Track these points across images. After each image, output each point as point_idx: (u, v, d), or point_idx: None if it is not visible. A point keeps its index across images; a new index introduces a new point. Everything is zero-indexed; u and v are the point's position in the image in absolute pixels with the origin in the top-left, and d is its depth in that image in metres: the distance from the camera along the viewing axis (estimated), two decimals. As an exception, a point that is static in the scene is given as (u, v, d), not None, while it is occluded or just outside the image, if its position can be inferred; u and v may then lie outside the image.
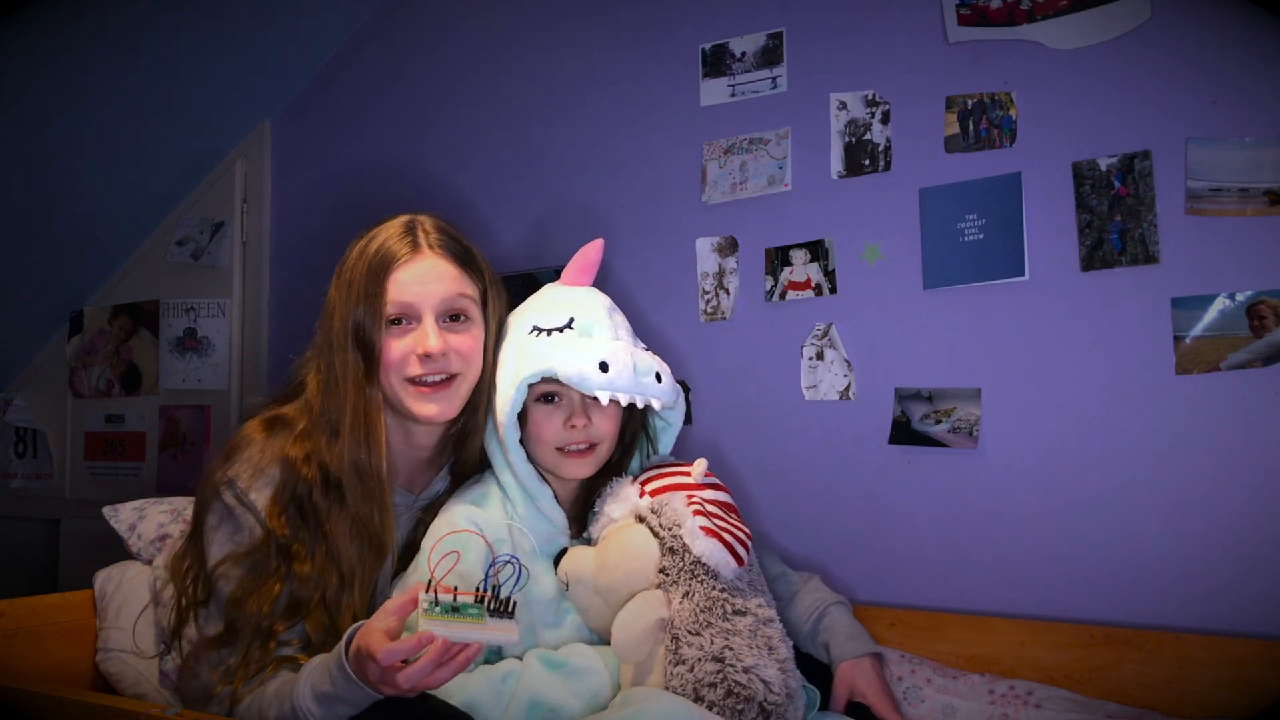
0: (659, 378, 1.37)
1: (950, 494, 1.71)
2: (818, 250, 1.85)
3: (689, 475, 1.41)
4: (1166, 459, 1.55)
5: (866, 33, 1.82)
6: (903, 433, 1.75)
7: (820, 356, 1.84)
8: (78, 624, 1.66)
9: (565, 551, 1.40)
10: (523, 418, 1.39)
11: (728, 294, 1.94)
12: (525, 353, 1.38)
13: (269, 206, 2.66)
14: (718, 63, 1.98)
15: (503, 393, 1.37)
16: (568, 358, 1.34)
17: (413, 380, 1.36)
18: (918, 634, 1.66)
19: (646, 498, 1.38)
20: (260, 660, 1.27)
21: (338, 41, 2.55)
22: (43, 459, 2.93)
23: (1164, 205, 1.55)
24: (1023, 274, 1.66)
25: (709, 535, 1.30)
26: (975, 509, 1.69)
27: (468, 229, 2.28)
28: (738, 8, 1.96)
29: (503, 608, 1.11)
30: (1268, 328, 1.47)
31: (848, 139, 1.84)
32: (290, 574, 1.30)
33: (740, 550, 1.32)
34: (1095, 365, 1.60)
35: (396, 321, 1.35)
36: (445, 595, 1.10)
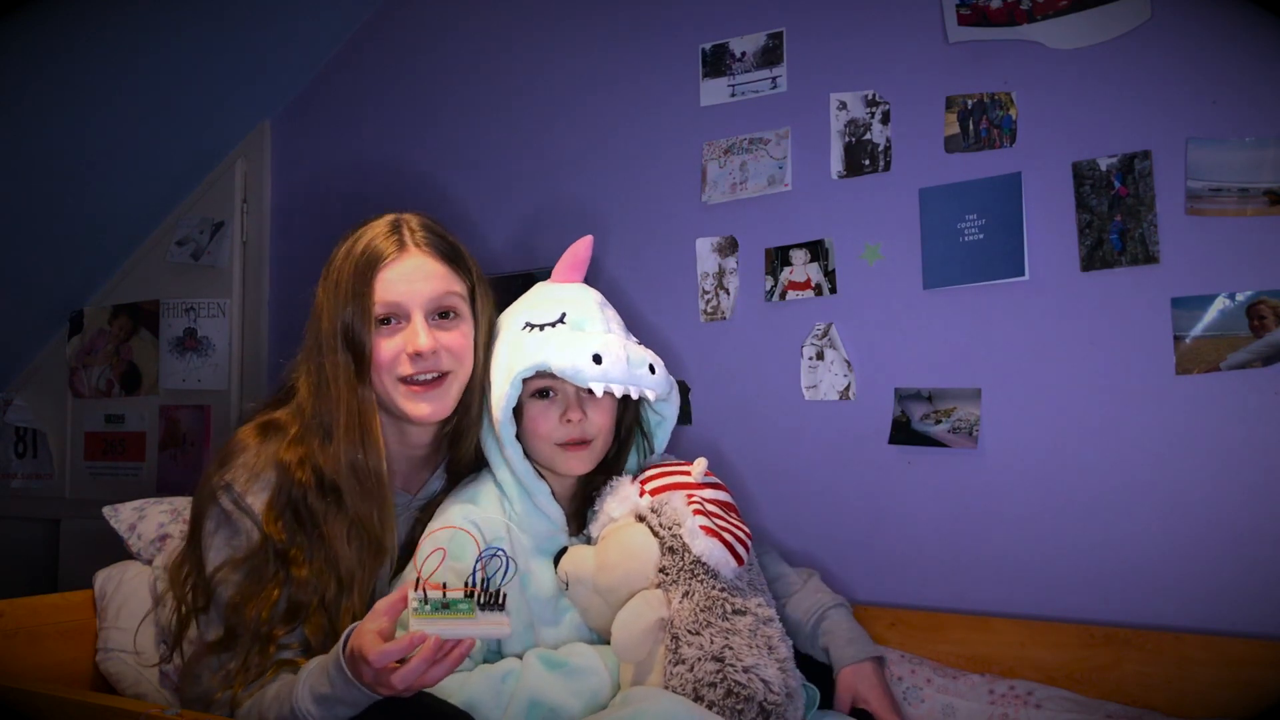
0: (652, 369, 1.38)
1: (950, 494, 1.71)
2: (818, 250, 1.85)
3: (689, 474, 1.41)
4: (1166, 459, 1.54)
5: (866, 33, 1.82)
6: (903, 433, 1.75)
7: (820, 356, 1.84)
8: (78, 624, 1.66)
9: (565, 550, 1.40)
10: (518, 415, 1.39)
11: (728, 294, 1.94)
12: (518, 348, 1.38)
13: (269, 206, 2.66)
14: (718, 63, 1.98)
15: (497, 388, 1.37)
16: (561, 351, 1.34)
17: (404, 380, 1.35)
18: (918, 634, 1.66)
19: (646, 497, 1.38)
20: (260, 665, 1.27)
21: (338, 41, 2.55)
22: (43, 459, 2.93)
23: (1164, 205, 1.55)
24: (1023, 274, 1.66)
25: (709, 535, 1.30)
26: (975, 509, 1.69)
27: (467, 229, 2.29)
28: (738, 8, 1.96)
29: (493, 600, 1.11)
30: (1268, 328, 1.47)
31: (848, 139, 1.84)
32: (289, 579, 1.30)
33: (740, 550, 1.32)
34: (1095, 365, 1.60)
35: (385, 321, 1.35)
36: (434, 592, 1.10)
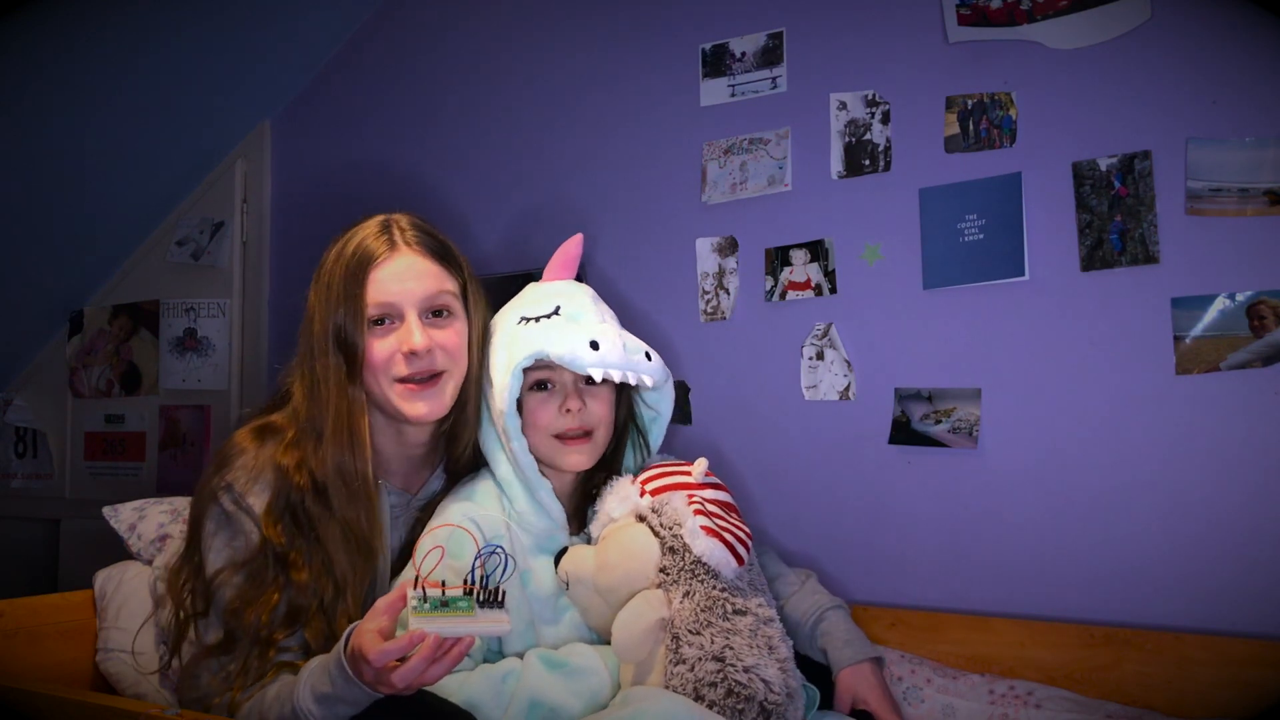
0: (649, 356, 1.39)
1: (950, 494, 1.71)
2: (818, 250, 1.85)
3: (689, 475, 1.41)
4: (1166, 459, 1.54)
5: (866, 33, 1.82)
6: (903, 433, 1.75)
7: (820, 356, 1.84)
8: (78, 624, 1.66)
9: (565, 550, 1.40)
10: (518, 411, 1.39)
11: (728, 294, 1.94)
12: (515, 341, 1.38)
13: (269, 206, 2.66)
14: (718, 63, 1.98)
15: (498, 382, 1.37)
16: (558, 339, 1.35)
17: (400, 380, 1.35)
18: (917, 634, 1.66)
19: (647, 497, 1.38)
20: (259, 669, 1.27)
21: (337, 41, 2.55)
22: (43, 459, 2.92)
23: (1164, 205, 1.55)
24: (1023, 274, 1.66)
25: (710, 535, 1.30)
26: (975, 509, 1.69)
27: (467, 228, 2.29)
28: (738, 8, 1.96)
29: (492, 598, 1.11)
30: (1268, 328, 1.47)
31: (848, 139, 1.84)
32: (288, 583, 1.30)
33: (741, 550, 1.32)
34: (1095, 365, 1.60)
35: (379, 321, 1.35)
36: (433, 591, 1.09)
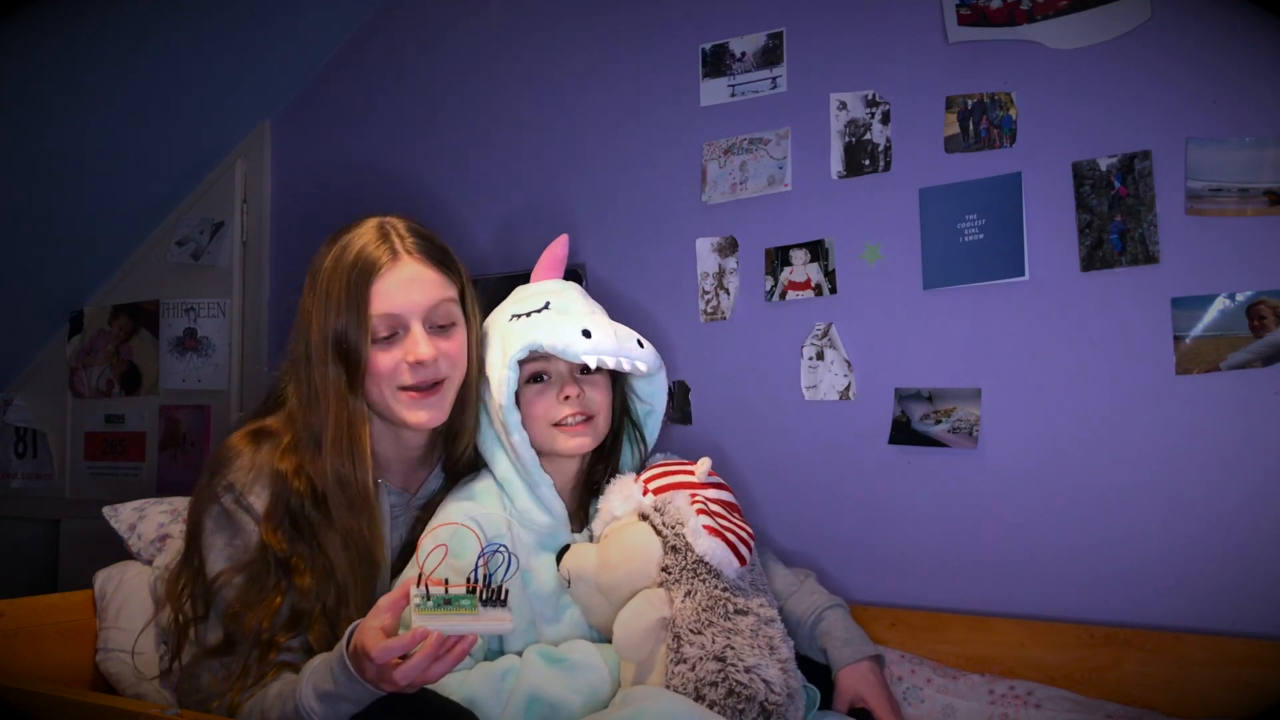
0: (641, 344, 1.39)
1: (950, 494, 1.71)
2: (818, 250, 1.85)
3: (692, 474, 1.41)
4: (1166, 459, 1.54)
5: (866, 33, 1.82)
6: (903, 433, 1.75)
7: (820, 356, 1.84)
8: (78, 624, 1.66)
9: (567, 548, 1.40)
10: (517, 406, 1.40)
11: (728, 294, 1.94)
12: (510, 336, 1.39)
13: (269, 206, 2.66)
14: (718, 63, 1.98)
15: (495, 376, 1.38)
16: (551, 330, 1.36)
17: (403, 388, 1.35)
18: (917, 634, 1.66)
19: (649, 495, 1.38)
20: (260, 671, 1.27)
21: (337, 41, 2.55)
22: (43, 459, 2.92)
23: (1164, 205, 1.55)
24: (1023, 274, 1.66)
25: (712, 534, 1.30)
26: (975, 509, 1.69)
27: (467, 229, 2.29)
28: (738, 8, 1.96)
29: (495, 596, 1.10)
30: (1268, 328, 1.47)
31: (848, 139, 1.84)
32: (291, 587, 1.30)
33: (743, 550, 1.33)
34: (1095, 365, 1.60)
35: (385, 335, 1.34)
36: (436, 589, 1.09)
